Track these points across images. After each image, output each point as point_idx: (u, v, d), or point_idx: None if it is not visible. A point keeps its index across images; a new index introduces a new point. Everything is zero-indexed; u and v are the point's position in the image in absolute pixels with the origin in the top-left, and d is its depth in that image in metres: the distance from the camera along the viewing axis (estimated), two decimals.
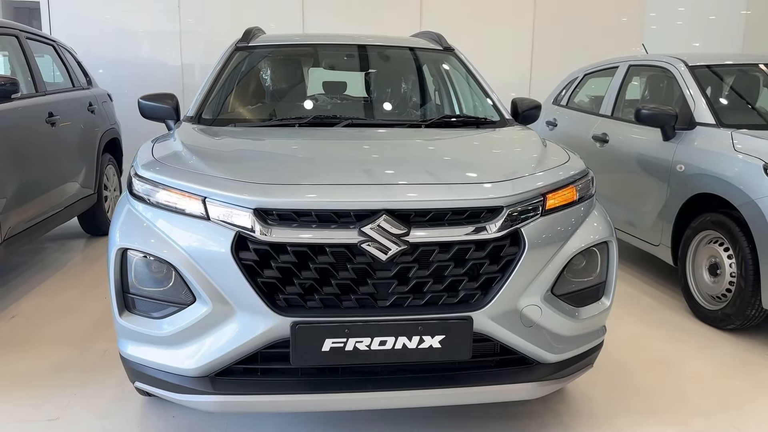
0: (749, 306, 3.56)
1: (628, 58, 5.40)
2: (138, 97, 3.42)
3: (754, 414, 2.83)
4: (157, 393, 2.35)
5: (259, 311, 2.12)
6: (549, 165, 2.50)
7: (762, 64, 4.68)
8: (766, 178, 3.45)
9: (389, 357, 2.15)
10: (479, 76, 3.62)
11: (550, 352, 2.31)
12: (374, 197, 2.15)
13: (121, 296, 2.29)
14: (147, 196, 2.32)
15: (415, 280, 2.16)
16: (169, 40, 7.22)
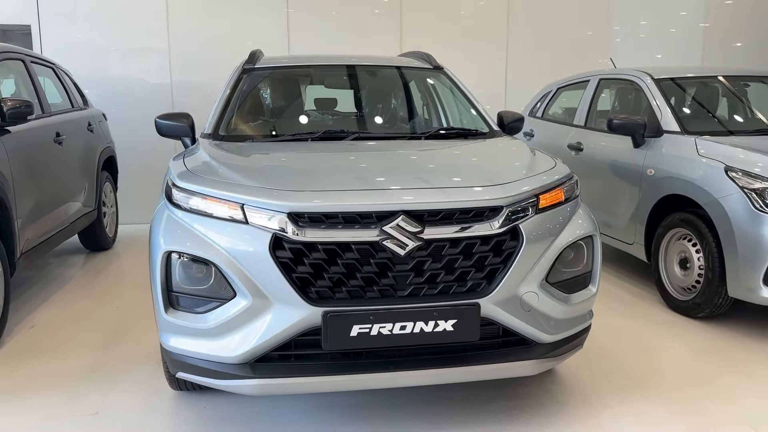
0: (716, 295, 3.93)
1: (598, 72, 5.81)
2: (155, 117, 3.69)
3: (725, 388, 3.17)
4: (199, 381, 2.61)
5: (293, 303, 2.40)
6: (539, 170, 2.84)
7: (720, 76, 5.12)
8: (727, 179, 3.84)
9: (409, 340, 2.44)
10: (467, 92, 3.97)
11: (546, 333, 2.62)
12: (393, 200, 2.46)
13: (166, 295, 2.55)
14: (188, 204, 2.59)
15: (429, 272, 2.46)
16: (159, 58, 7.45)
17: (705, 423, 2.84)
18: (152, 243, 2.67)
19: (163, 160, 7.36)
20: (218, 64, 7.49)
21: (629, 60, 7.70)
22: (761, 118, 4.87)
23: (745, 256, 3.70)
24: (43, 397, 3.12)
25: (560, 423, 2.84)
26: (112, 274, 5.42)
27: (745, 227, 3.70)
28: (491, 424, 2.81)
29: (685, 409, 2.96)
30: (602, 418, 2.88)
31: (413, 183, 2.64)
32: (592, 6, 8.34)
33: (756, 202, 3.67)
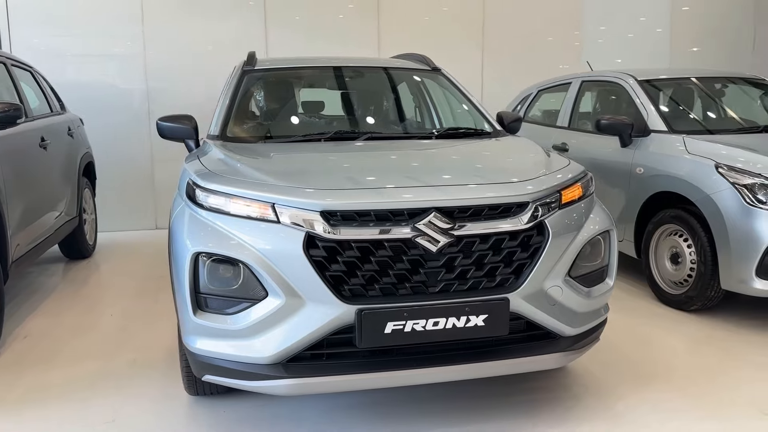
0: (709, 288, 4.07)
1: (579, 75, 5.95)
2: (156, 119, 3.63)
3: (729, 376, 3.29)
4: (227, 383, 2.58)
5: (327, 301, 2.40)
6: (556, 167, 2.90)
7: (694, 77, 5.31)
8: (718, 175, 3.98)
9: (441, 336, 2.46)
10: (468, 93, 4.02)
11: (569, 327, 2.68)
12: (424, 197, 2.49)
13: (194, 297, 2.52)
14: (215, 205, 2.56)
15: (460, 267, 2.49)
16: (134, 64, 7.32)
17: (718, 409, 2.93)
18: (176, 245, 2.63)
19: (139, 166, 7.29)
20: (195, 69, 7.44)
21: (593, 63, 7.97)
22: (738, 117, 5.06)
23: (738, 249, 3.83)
24: (54, 407, 3.04)
25: (579, 415, 2.90)
26: (97, 282, 5.29)
27: (737, 221, 3.84)
28: (513, 419, 2.86)
29: (696, 397, 3.05)
30: (618, 409, 2.95)
31: (442, 180, 2.67)
32: (561, 12, 8.53)
33: (747, 196, 3.81)
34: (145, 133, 7.46)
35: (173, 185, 7.32)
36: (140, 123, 7.43)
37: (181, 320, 2.62)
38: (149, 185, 7.57)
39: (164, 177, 7.56)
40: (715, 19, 8.96)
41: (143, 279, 5.31)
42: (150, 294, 4.86)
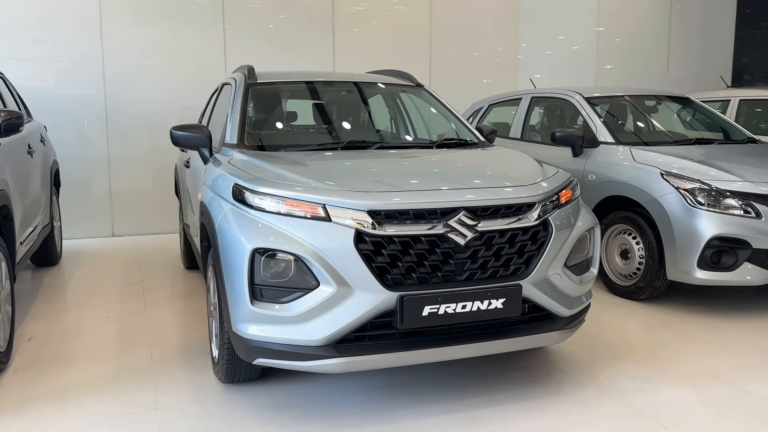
0: (656, 279, 4.68)
1: (528, 91, 6.55)
2: (170, 128, 3.85)
3: (684, 351, 3.86)
4: (279, 365, 2.88)
5: (373, 289, 2.76)
6: (550, 173, 3.38)
7: (631, 95, 6.00)
8: (664, 181, 4.60)
9: (468, 317, 2.87)
10: (451, 107, 4.47)
11: (566, 308, 3.15)
12: (454, 198, 2.90)
13: (251, 288, 2.81)
14: (268, 206, 2.86)
15: (482, 258, 2.91)
16: (91, 69, 7.34)
17: (681, 377, 3.48)
18: (228, 242, 2.90)
19: (95, 173, 7.29)
20: (154, 75, 7.54)
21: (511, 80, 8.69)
22: (670, 131, 5.78)
23: (682, 244, 4.46)
24: (91, 401, 3.20)
25: (571, 386, 3.37)
26: (77, 287, 5.36)
27: (681, 221, 4.46)
28: (515, 391, 3.29)
29: (661, 369, 3.60)
30: (602, 380, 3.45)
31: (467, 184, 3.09)
32: (501, 32, 9.20)
33: (689, 199, 4.44)
34: (102, 140, 7.50)
35: (131, 192, 7.46)
36: (97, 129, 7.46)
37: (233, 310, 2.90)
38: (106, 192, 7.59)
39: (121, 184, 7.61)
40: (633, 40, 9.89)
41: (123, 284, 5.42)
42: (136, 297, 5.01)
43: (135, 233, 7.67)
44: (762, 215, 4.33)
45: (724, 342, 4.03)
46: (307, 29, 8.15)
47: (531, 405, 3.16)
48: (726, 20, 10.50)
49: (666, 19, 10.09)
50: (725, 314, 4.56)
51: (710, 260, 4.40)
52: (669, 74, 10.07)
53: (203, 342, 4.00)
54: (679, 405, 3.17)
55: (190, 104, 7.63)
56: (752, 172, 4.53)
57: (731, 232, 4.33)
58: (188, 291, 5.21)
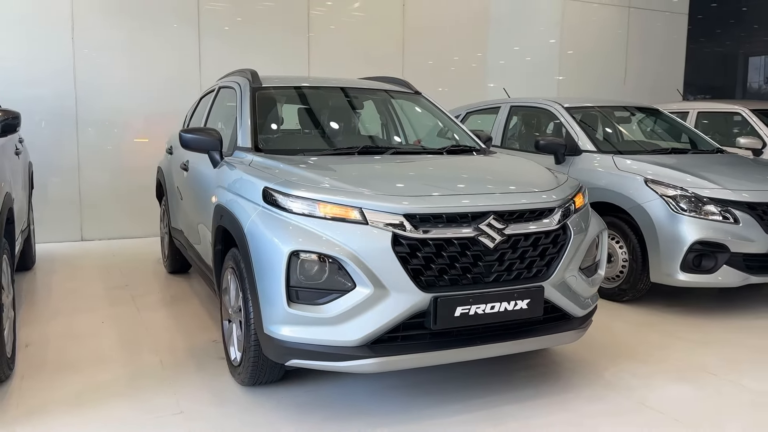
0: (640, 281, 4.92)
1: (508, 100, 6.75)
2: (179, 131, 3.83)
3: (673, 349, 4.08)
4: (313, 365, 2.92)
5: (408, 290, 2.83)
6: (562, 180, 3.53)
7: (607, 105, 6.27)
8: (647, 188, 4.84)
9: (496, 318, 2.98)
10: (449, 114, 4.60)
11: (580, 309, 3.30)
12: (484, 203, 3.01)
13: (287, 290, 2.84)
14: (302, 209, 2.90)
15: (509, 261, 3.03)
16: (63, 70, 7.15)
17: (679, 373, 3.69)
18: (262, 245, 2.92)
19: (65, 176, 7.09)
20: (127, 77, 7.40)
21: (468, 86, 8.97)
22: (645, 140, 6.07)
23: (666, 248, 4.70)
24: (111, 407, 3.15)
25: (579, 383, 3.53)
26: (60, 292, 5.22)
27: (665, 226, 4.70)
28: (531, 388, 3.42)
29: (659, 365, 3.79)
30: (608, 377, 3.62)
31: (493, 189, 3.20)
32: (471, 41, 9.43)
33: (672, 205, 4.69)
34: (73, 142, 7.32)
35: (102, 196, 7.29)
36: (68, 131, 7.27)
37: (266, 312, 2.92)
38: (75, 196, 7.39)
39: (91, 187, 7.43)
40: (593, 53, 10.30)
41: (108, 288, 5.32)
42: (126, 302, 4.92)
43: (105, 237, 7.49)
44: (740, 221, 4.61)
45: (709, 340, 4.27)
46: (282, 34, 8.16)
47: (548, 401, 3.29)
48: (678, 36, 11.05)
49: (624, 35, 10.54)
50: (706, 314, 4.82)
51: (692, 263, 4.65)
52: (626, 86, 10.51)
53: (210, 345, 3.98)
54: (683, 399, 3.36)
55: (164, 107, 7.55)
56: (729, 181, 4.82)
57: (712, 237, 4.60)
58: (179, 295, 5.15)
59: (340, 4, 8.50)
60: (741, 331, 4.48)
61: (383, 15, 8.74)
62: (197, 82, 7.66)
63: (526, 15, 9.85)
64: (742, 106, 7.69)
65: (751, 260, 4.68)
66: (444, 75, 9.15)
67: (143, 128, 7.60)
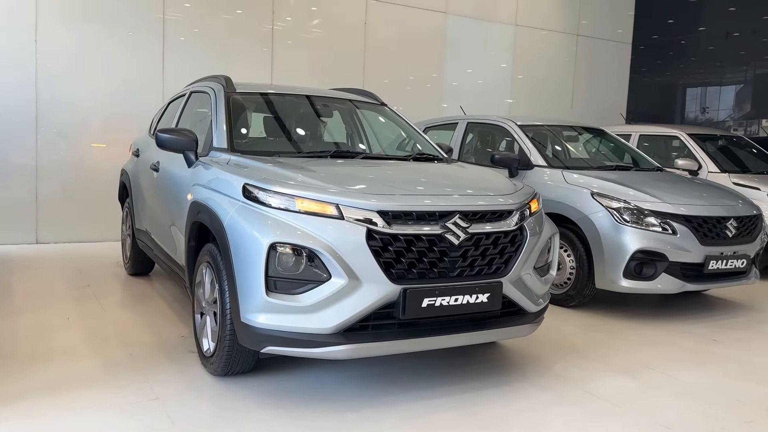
0: (586, 287, 5.26)
1: (464, 117, 7.09)
2: (156, 131, 3.97)
3: (617, 348, 4.40)
4: (288, 352, 3.09)
5: (380, 282, 3.05)
6: (519, 186, 3.82)
7: (557, 124, 6.67)
8: (593, 200, 5.20)
9: (459, 309, 3.21)
10: (413, 125, 4.86)
11: (534, 305, 3.58)
12: (451, 203, 3.26)
13: (266, 280, 3.01)
14: (281, 204, 3.09)
15: (471, 257, 3.28)
16: (23, 71, 7.14)
17: (623, 368, 3.99)
18: (242, 238, 3.10)
19: (21, 177, 7.06)
20: (89, 79, 7.42)
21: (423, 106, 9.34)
22: (591, 158, 6.47)
23: (610, 256, 5.05)
24: (88, 394, 3.23)
25: (534, 374, 3.79)
26: (22, 290, 5.23)
27: (609, 236, 5.06)
28: (488, 378, 3.67)
29: (603, 362, 4.10)
30: (557, 370, 3.90)
31: (458, 191, 3.46)
32: (427, 65, 9.79)
33: (616, 217, 5.06)
34: (31, 143, 7.28)
35: (59, 199, 7.26)
36: (26, 132, 7.23)
37: (244, 301, 3.08)
38: (32, 198, 7.34)
39: (49, 190, 7.40)
40: (543, 78, 10.82)
41: (70, 288, 5.34)
42: (90, 301, 4.97)
43: (62, 241, 7.45)
44: (677, 232, 5.01)
45: (649, 341, 4.61)
46: (246, 45, 8.33)
47: (504, 390, 3.54)
48: (623, 64, 11.70)
49: (572, 62, 11.10)
50: (646, 319, 5.19)
51: (634, 271, 5.01)
52: (573, 110, 11.06)
53: (179, 341, 4.09)
54: (624, 389, 3.66)
55: (125, 112, 7.61)
56: (668, 195, 5.22)
57: (652, 246, 4.98)
58: (143, 295, 5.22)
59: (303, 20, 8.74)
60: (677, 334, 4.84)
61: (345, 32, 9.02)
62: (160, 88, 7.75)
63: (480, 39, 10.29)
64: (680, 130, 8.23)
65: (687, 269, 5.07)
66: (399, 94, 9.45)
67: (104, 133, 7.62)
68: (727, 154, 8.28)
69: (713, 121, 16.80)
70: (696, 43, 16.53)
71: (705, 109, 17.75)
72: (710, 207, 5.26)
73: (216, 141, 3.97)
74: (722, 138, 8.60)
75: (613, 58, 11.62)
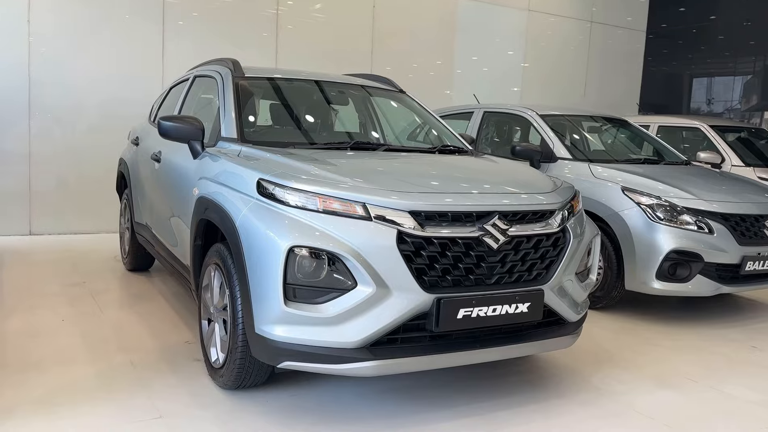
0: (614, 289, 4.94)
1: (480, 106, 6.74)
2: (159, 119, 3.63)
3: (652, 355, 4.10)
4: (307, 368, 2.76)
5: (412, 291, 2.72)
6: (559, 183, 3.49)
7: (577, 114, 6.33)
8: (625, 197, 4.87)
9: (497, 321, 2.90)
10: (434, 114, 4.52)
11: (575, 314, 3.26)
12: (489, 202, 2.93)
13: (284, 287, 2.68)
14: (301, 203, 2.75)
15: (511, 263, 2.95)
16: (15, 55, 6.76)
17: (661, 379, 3.69)
18: (258, 239, 2.76)
19: (12, 166, 6.69)
20: (85, 64, 7.04)
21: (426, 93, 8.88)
22: (617, 150, 6.14)
23: (642, 256, 4.73)
24: (85, 411, 2.92)
25: (569, 388, 3.49)
26: (13, 287, 4.89)
27: (642, 234, 4.74)
28: (522, 394, 3.36)
29: (640, 372, 3.79)
30: (595, 383, 3.59)
31: (497, 189, 3.12)
32: (434, 51, 9.43)
33: (649, 214, 4.73)
34: (24, 131, 6.92)
35: (53, 189, 6.91)
36: (19, 117, 6.86)
37: (259, 311, 2.76)
38: (25, 188, 6.98)
39: (42, 180, 7.04)
40: (555, 66, 10.46)
41: (64, 285, 5.01)
42: (85, 299, 4.65)
43: (56, 232, 7.11)
44: (714, 231, 4.69)
45: (684, 347, 4.31)
46: (250, 29, 7.96)
47: (542, 407, 3.23)
48: (636, 52, 11.34)
49: (585, 49, 10.74)
50: (677, 322, 4.88)
51: (667, 272, 4.70)
52: (585, 100, 10.70)
53: (183, 347, 3.78)
54: (671, 404, 3.36)
55: (123, 99, 7.25)
56: (703, 191, 4.90)
57: (687, 246, 4.66)
58: (143, 294, 4.89)
59: (309, 2, 8.35)
60: (711, 339, 4.54)
61: (354, 15, 8.64)
62: (159, 74, 7.38)
63: (492, 25, 9.91)
64: (701, 121, 7.90)
65: (723, 270, 4.76)
66: (403, 81, 9.06)
67: (101, 120, 7.25)
68: (748, 146, 7.96)
69: (716, 113, 16.45)
70: (707, 32, 16.16)
71: (711, 100, 17.42)
72: (747, 204, 4.95)
73: (224, 130, 3.62)
74: (744, 130, 8.28)
75: (627, 46, 11.26)
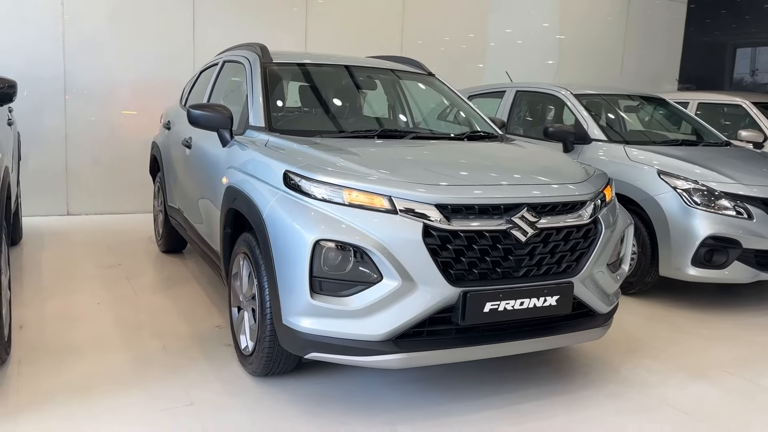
0: (648, 274, 4.85)
1: (513, 85, 6.61)
2: (188, 107, 3.64)
3: (686, 344, 4.03)
4: (334, 359, 2.78)
5: (438, 284, 2.70)
6: (591, 171, 3.41)
7: (613, 93, 6.16)
8: (661, 180, 4.75)
9: (524, 314, 2.87)
10: (463, 98, 4.45)
11: (605, 305, 3.21)
12: (518, 194, 2.88)
13: (310, 280, 2.69)
14: (327, 195, 2.75)
15: (539, 255, 2.91)
16: (50, 37, 6.85)
17: (695, 370, 3.62)
18: (285, 231, 2.77)
19: (50, 148, 6.82)
20: (117, 46, 7.10)
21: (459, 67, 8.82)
22: (654, 131, 5.98)
23: (677, 242, 4.63)
24: (118, 396, 2.99)
25: (598, 378, 3.45)
26: (50, 269, 5.01)
27: (678, 219, 4.62)
28: (550, 386, 3.33)
29: (673, 362, 3.73)
30: (624, 373, 3.54)
31: (525, 180, 3.07)
32: (471, 21, 9.24)
33: (686, 198, 4.61)
34: (60, 112, 7.03)
35: (90, 169, 7.01)
36: (54, 97, 6.97)
37: (286, 302, 2.77)
38: (62, 168, 7.12)
39: (79, 160, 7.17)
40: (591, 41, 10.17)
41: (100, 267, 5.12)
42: (121, 282, 4.74)
43: (92, 212, 7.25)
44: (753, 216, 4.55)
45: (720, 336, 4.22)
46: (280, 8, 7.91)
47: (569, 398, 3.21)
48: (677, 24, 10.97)
49: (623, 22, 10.42)
50: (712, 310, 4.78)
51: (703, 258, 4.59)
52: (622, 75, 10.42)
53: (214, 331, 3.84)
54: (705, 399, 3.30)
55: (156, 79, 7.31)
56: (743, 175, 4.75)
57: (725, 232, 4.53)
58: (176, 277, 4.97)
59: None
60: (748, 328, 4.44)
61: None
62: (191, 55, 7.40)
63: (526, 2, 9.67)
64: (742, 98, 7.64)
65: (762, 257, 4.63)
66: (434, 55, 8.93)
67: (134, 100, 7.32)
68: None
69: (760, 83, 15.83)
70: (751, 0, 15.51)
71: (755, 71, 16.79)
72: None
73: (252, 119, 3.62)
74: None
75: (667, 16, 10.87)
